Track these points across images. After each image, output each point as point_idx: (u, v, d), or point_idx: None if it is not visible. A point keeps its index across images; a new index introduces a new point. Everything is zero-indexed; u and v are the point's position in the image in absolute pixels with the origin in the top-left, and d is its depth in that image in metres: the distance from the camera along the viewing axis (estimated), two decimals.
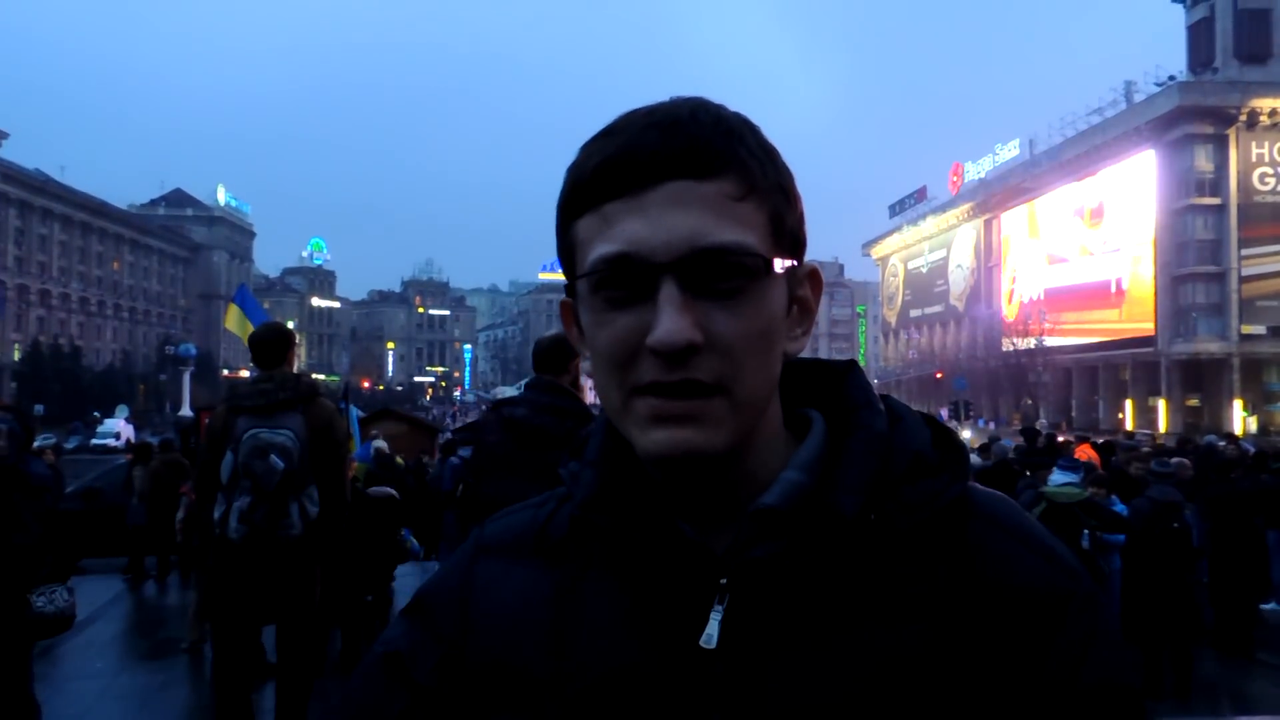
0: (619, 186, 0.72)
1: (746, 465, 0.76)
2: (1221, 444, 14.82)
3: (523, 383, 4.43)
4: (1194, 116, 55.85)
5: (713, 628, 0.73)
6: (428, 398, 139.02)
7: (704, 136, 0.73)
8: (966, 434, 34.97)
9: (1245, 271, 55.05)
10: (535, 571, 0.82)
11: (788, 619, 0.73)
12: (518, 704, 0.78)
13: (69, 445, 47.44)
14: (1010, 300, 72.15)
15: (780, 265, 0.74)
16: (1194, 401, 56.66)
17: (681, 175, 0.72)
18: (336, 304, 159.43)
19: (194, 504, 8.17)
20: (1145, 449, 12.63)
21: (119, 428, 49.28)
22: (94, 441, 46.75)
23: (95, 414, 60.49)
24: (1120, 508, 8.59)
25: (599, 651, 0.76)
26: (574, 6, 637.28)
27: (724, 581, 0.74)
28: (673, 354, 0.70)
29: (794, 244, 0.77)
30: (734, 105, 0.78)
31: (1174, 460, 9.54)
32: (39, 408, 62.89)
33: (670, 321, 0.69)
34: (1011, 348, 64.15)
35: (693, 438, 0.71)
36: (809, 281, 0.80)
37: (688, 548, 0.75)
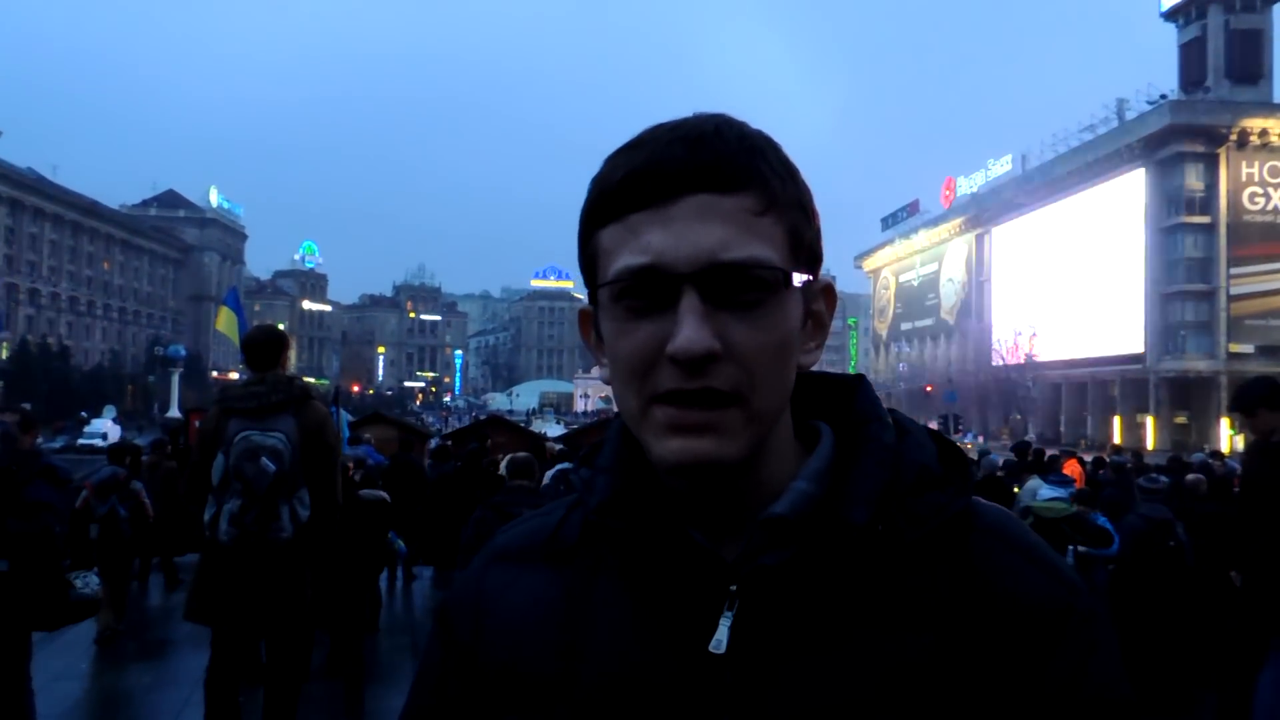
0: (644, 198, 0.74)
1: (758, 475, 0.78)
2: (1212, 462, 14.90)
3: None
4: (1185, 135, 56.32)
5: (722, 633, 0.74)
6: (417, 403, 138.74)
7: (728, 152, 0.74)
8: None
9: (1234, 290, 55.44)
10: (545, 576, 0.83)
11: (796, 626, 0.74)
12: (527, 707, 0.79)
13: (55, 445, 47.26)
14: (1000, 315, 72.38)
15: (798, 280, 0.76)
16: (1182, 419, 56.97)
17: (705, 189, 0.73)
18: (328, 307, 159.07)
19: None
20: (1129, 465, 12.66)
21: (106, 428, 49.01)
22: (80, 442, 46.49)
23: (83, 414, 60.14)
24: (1103, 523, 8.63)
25: (608, 655, 0.77)
26: (575, 17, 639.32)
27: (734, 588, 0.75)
28: (692, 362, 0.71)
29: (811, 259, 0.79)
30: (731, 115, 0.79)
31: (1190, 477, 9.54)
32: (26, 406, 62.53)
33: (691, 330, 0.71)
34: (1001, 362, 64.39)
35: (708, 447, 0.73)
36: (823, 296, 0.82)
37: (699, 554, 0.76)
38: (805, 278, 0.78)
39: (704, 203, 0.73)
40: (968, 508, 0.79)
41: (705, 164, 0.73)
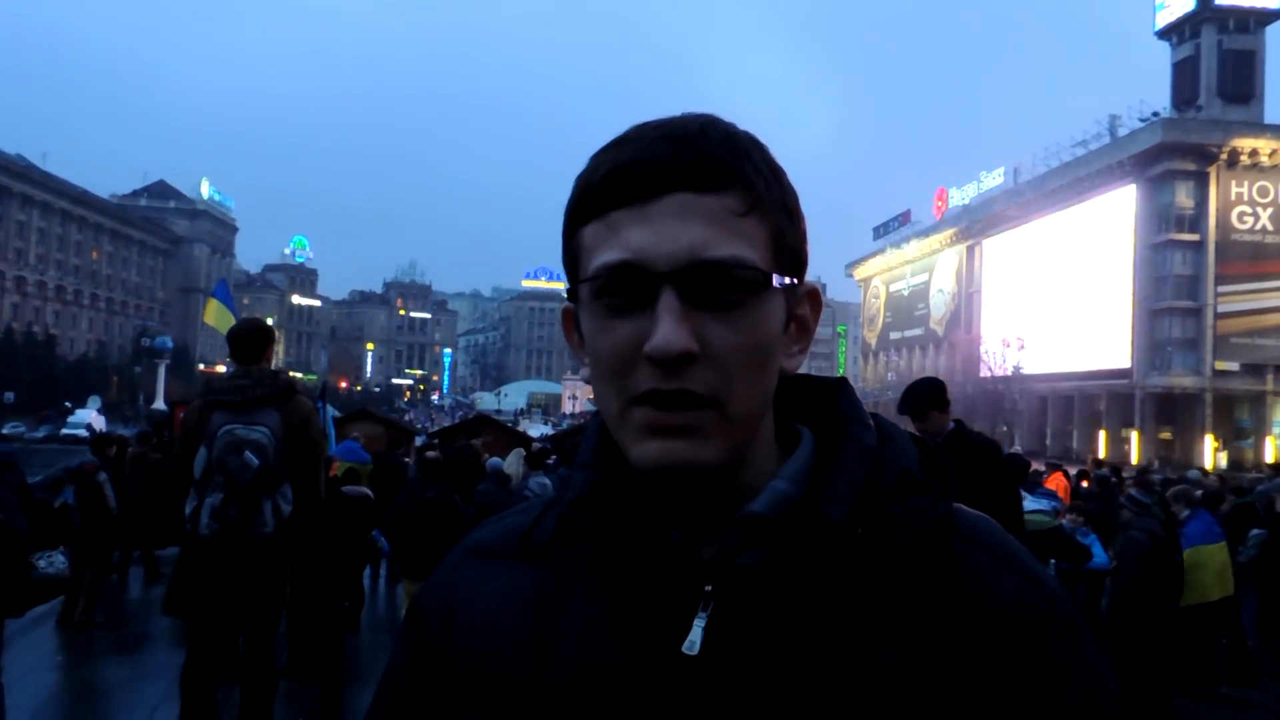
0: (626, 195, 0.73)
1: (738, 476, 0.77)
2: (1195, 475, 14.96)
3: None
4: (1176, 153, 56.66)
5: (696, 634, 0.73)
6: (405, 400, 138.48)
7: (712, 151, 0.74)
8: None
9: (1221, 308, 55.79)
10: (519, 573, 0.82)
11: (771, 628, 0.73)
12: (497, 705, 0.78)
13: (38, 434, 46.96)
14: (988, 326, 72.66)
15: (779, 281, 0.75)
16: (1166, 434, 57.28)
17: (687, 188, 0.73)
18: (317, 302, 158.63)
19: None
20: (1112, 479, 12.68)
21: (90, 419, 48.73)
22: (64, 432, 46.23)
23: (67, 404, 59.84)
24: (1091, 539, 8.65)
25: (580, 654, 0.76)
26: (573, 19, 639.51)
27: (709, 588, 0.74)
28: (669, 362, 0.70)
29: (795, 262, 0.78)
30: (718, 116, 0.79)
31: (1200, 493, 9.56)
32: (10, 395, 62.24)
33: (668, 329, 0.70)
34: (988, 373, 64.60)
35: (684, 451, 0.72)
36: (808, 300, 0.81)
37: (675, 553, 0.75)
38: (788, 280, 0.77)
39: (685, 201, 0.72)
40: (949, 513, 0.78)
41: (688, 162, 0.73)
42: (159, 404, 51.27)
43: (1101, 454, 52.13)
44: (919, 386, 4.97)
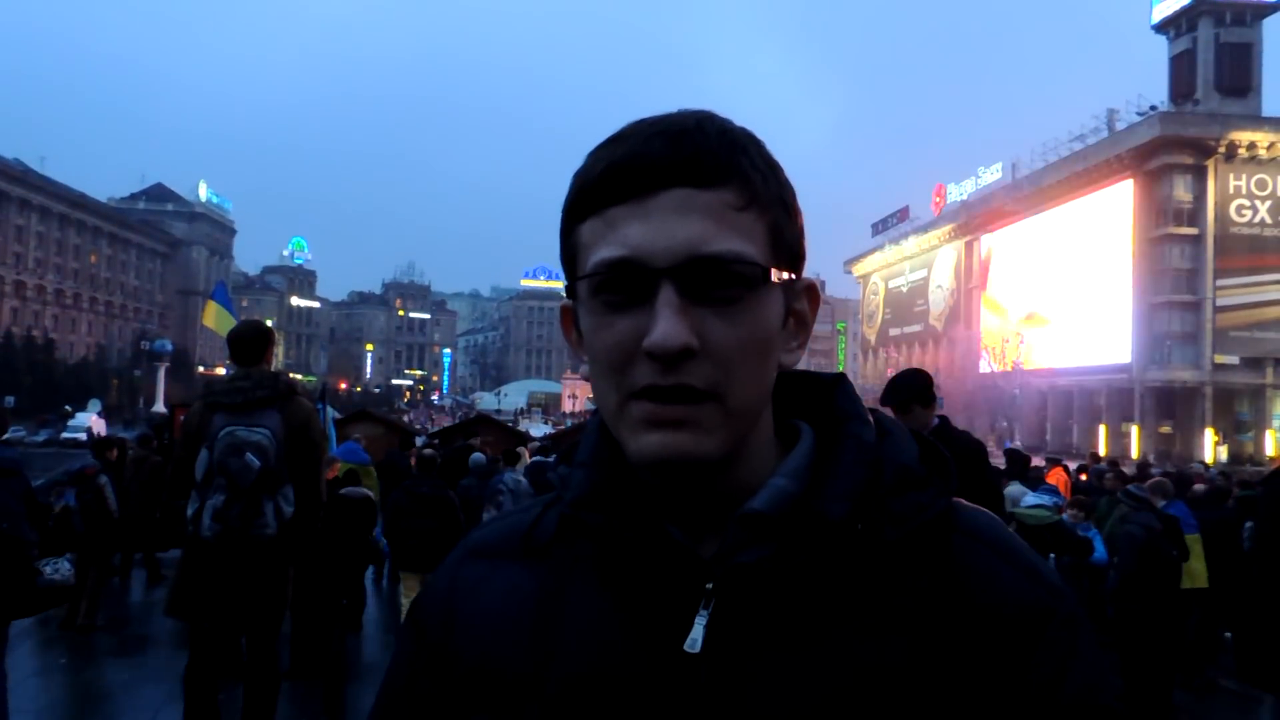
0: (623, 191, 0.73)
1: (737, 473, 0.77)
2: (1198, 468, 14.98)
3: None
4: (1174, 147, 56.68)
5: (697, 632, 0.73)
6: (405, 401, 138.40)
7: (708, 147, 0.74)
8: None
9: (1220, 302, 55.81)
10: (520, 572, 0.82)
11: (773, 626, 0.73)
12: (499, 704, 0.78)
13: (38, 438, 46.97)
14: (988, 322, 72.67)
15: (777, 276, 0.75)
16: (1166, 429, 57.29)
17: (684, 183, 0.73)
18: (316, 304, 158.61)
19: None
20: (1109, 474, 12.69)
21: (90, 422, 48.71)
22: (64, 435, 46.25)
23: (67, 408, 59.81)
24: (1093, 533, 8.67)
25: (581, 653, 0.76)
26: (571, 18, 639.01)
27: (710, 586, 0.74)
28: (668, 357, 0.71)
29: (792, 257, 0.78)
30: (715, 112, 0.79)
31: (1199, 488, 9.59)
32: (10, 400, 62.23)
33: (667, 325, 0.70)
34: (988, 369, 64.67)
35: (684, 443, 0.72)
36: (806, 295, 0.81)
37: (675, 551, 0.75)
38: (786, 275, 0.77)
39: (683, 197, 0.73)
40: (949, 509, 0.78)
41: (686, 158, 0.73)
42: (159, 407, 51.18)
43: (1102, 449, 52.14)
44: (902, 378, 4.71)
